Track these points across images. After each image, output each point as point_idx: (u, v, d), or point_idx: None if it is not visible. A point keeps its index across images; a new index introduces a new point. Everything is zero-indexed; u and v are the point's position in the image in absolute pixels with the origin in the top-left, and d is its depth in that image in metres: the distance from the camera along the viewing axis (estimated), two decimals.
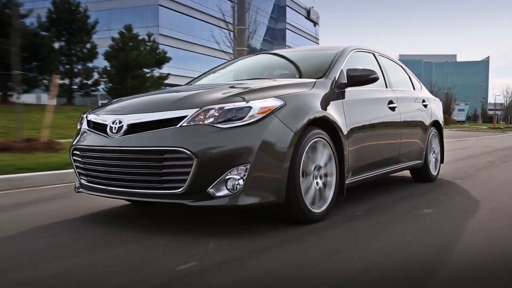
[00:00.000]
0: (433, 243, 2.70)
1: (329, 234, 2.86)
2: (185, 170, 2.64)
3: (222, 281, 2.04)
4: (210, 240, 2.65)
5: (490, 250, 2.60)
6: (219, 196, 2.68)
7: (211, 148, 2.64)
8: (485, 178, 5.70)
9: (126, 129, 2.89)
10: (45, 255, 2.43)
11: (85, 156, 3.13)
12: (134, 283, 2.00)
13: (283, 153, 2.79)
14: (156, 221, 3.21)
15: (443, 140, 5.73)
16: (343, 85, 3.64)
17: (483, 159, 8.12)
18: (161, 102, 3.01)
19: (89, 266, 2.21)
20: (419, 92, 5.44)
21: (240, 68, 4.65)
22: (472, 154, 9.52)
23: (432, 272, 2.18)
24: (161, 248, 2.52)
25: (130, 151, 2.81)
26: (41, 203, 4.01)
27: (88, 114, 3.35)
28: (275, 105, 2.87)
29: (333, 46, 4.36)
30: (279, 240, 2.68)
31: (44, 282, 2.04)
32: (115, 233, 2.84)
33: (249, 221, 3.15)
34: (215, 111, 2.75)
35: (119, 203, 3.68)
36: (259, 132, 2.72)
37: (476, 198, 4.15)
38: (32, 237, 2.82)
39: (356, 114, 3.66)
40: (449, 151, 8.33)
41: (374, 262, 2.31)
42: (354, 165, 3.58)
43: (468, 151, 10.52)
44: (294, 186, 2.87)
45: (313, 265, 2.25)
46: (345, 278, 2.11)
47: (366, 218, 3.31)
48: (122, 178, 2.89)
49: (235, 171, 2.66)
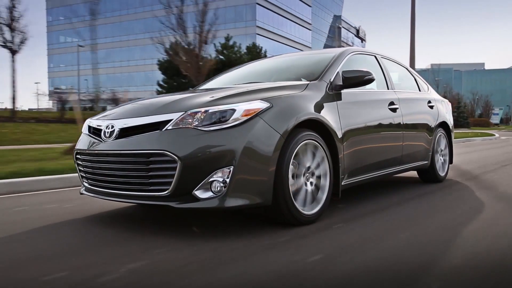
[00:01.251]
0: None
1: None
2: (170, 172, 2.64)
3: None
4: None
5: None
6: (204, 198, 2.66)
7: (194, 151, 2.62)
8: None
9: (117, 133, 2.92)
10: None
11: (84, 159, 3.18)
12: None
13: (269, 155, 2.75)
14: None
15: (452, 141, 5.56)
16: (339, 87, 3.57)
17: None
18: (150, 107, 3.02)
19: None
20: (425, 94, 5.30)
21: (239, 74, 4.62)
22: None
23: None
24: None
25: (120, 155, 2.83)
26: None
27: (90, 119, 3.41)
28: (261, 107, 2.83)
29: (333, 49, 4.30)
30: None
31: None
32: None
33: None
34: (200, 114, 2.73)
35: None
36: (242, 134, 2.69)
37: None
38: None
39: (352, 115, 3.58)
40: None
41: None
42: (350, 167, 3.50)
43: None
44: (282, 188, 2.82)
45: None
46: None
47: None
48: (115, 181, 2.92)
49: (219, 173, 2.64)
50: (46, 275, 2.11)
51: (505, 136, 22.75)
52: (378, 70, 4.42)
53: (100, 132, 3.09)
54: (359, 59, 4.22)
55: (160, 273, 2.12)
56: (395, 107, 4.28)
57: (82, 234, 2.94)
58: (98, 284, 1.99)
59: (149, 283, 2.00)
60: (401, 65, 5.22)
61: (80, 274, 2.11)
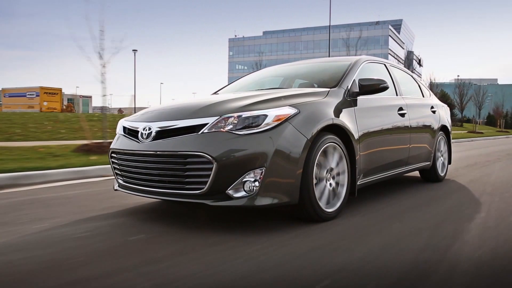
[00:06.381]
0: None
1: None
2: (206, 173, 2.61)
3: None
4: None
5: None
6: (237, 197, 2.63)
7: (229, 153, 2.60)
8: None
9: (154, 135, 2.88)
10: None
11: (120, 158, 3.15)
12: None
13: (297, 157, 2.73)
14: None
15: (451, 143, 5.54)
16: (355, 94, 3.55)
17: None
18: (185, 111, 2.97)
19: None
20: (428, 99, 5.27)
21: (261, 79, 4.59)
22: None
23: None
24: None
25: (158, 155, 2.80)
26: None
27: (124, 121, 3.36)
28: (290, 113, 2.81)
29: (347, 58, 4.25)
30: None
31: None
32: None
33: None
34: (234, 119, 2.71)
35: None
36: (274, 138, 2.67)
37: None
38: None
39: (367, 120, 3.56)
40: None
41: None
42: (365, 168, 3.48)
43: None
44: (307, 188, 2.80)
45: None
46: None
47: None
48: (151, 179, 2.88)
49: (251, 174, 2.61)
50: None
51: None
52: (387, 77, 4.39)
53: (136, 133, 3.05)
54: (371, 67, 4.18)
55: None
56: (404, 112, 4.25)
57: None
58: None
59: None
60: (407, 72, 5.18)
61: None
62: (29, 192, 4.29)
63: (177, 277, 1.95)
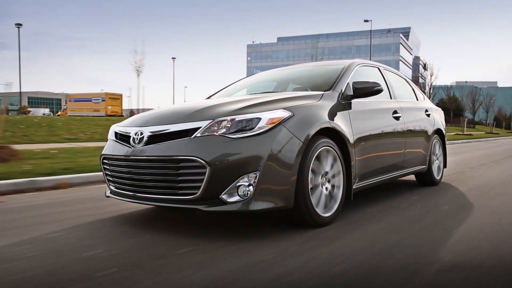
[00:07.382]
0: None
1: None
2: (199, 177, 2.52)
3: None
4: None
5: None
6: (231, 202, 2.54)
7: (222, 157, 2.51)
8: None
9: (146, 139, 2.80)
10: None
11: (112, 164, 3.05)
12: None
13: (291, 161, 2.64)
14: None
15: (446, 147, 5.46)
16: (349, 97, 3.47)
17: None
18: (178, 115, 2.88)
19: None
20: (422, 103, 5.20)
21: (255, 84, 4.51)
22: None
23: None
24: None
25: (150, 160, 2.70)
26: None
27: (115, 126, 3.27)
28: (284, 116, 2.72)
29: (340, 61, 4.18)
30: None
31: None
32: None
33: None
34: (227, 122, 2.63)
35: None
36: (268, 141, 2.58)
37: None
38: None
39: (362, 123, 3.48)
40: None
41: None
42: (360, 172, 3.39)
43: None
44: (302, 192, 2.71)
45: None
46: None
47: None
48: (143, 185, 2.79)
49: (245, 178, 2.52)
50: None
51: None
52: (381, 81, 4.31)
53: (128, 138, 2.96)
54: (365, 71, 4.11)
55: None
56: (398, 115, 4.18)
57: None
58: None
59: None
60: (400, 76, 5.12)
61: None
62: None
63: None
